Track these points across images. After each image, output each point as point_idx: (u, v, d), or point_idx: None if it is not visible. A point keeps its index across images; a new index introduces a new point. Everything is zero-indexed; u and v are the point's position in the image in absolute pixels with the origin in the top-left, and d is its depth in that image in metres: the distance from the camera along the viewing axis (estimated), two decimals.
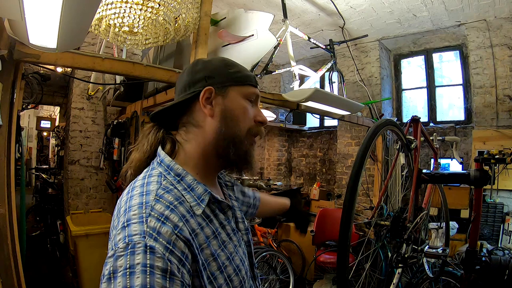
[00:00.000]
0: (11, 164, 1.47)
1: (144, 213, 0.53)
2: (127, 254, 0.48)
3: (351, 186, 1.15)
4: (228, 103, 0.68)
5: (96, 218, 3.13)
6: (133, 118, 2.85)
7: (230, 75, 0.69)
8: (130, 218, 0.53)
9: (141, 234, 0.50)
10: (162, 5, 1.47)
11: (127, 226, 0.52)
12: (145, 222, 0.52)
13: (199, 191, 0.63)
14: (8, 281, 1.38)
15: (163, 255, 0.49)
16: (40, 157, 8.27)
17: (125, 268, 0.46)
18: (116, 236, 0.52)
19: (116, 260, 0.48)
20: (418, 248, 1.47)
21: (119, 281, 0.46)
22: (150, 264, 0.47)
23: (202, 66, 0.70)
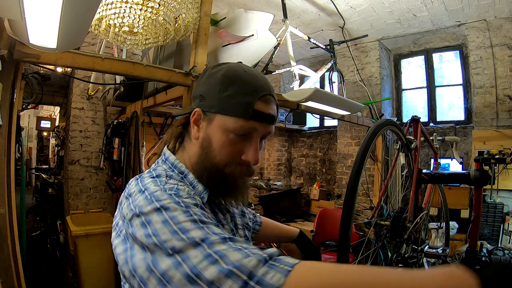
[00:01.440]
0: (11, 164, 1.47)
1: (159, 184, 0.56)
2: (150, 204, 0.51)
3: (351, 186, 1.15)
4: (209, 132, 0.62)
5: (96, 218, 3.13)
6: (133, 118, 2.85)
7: (220, 100, 0.61)
8: (148, 187, 0.55)
9: (161, 190, 0.54)
10: (162, 5, 1.47)
11: (145, 190, 0.55)
12: (162, 185, 0.56)
13: (199, 188, 0.64)
14: (8, 281, 1.38)
15: (189, 196, 0.55)
16: (40, 157, 8.27)
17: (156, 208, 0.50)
18: (134, 199, 0.54)
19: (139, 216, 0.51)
20: (418, 248, 1.47)
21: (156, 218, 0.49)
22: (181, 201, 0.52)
23: (204, 80, 0.65)
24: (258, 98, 0.60)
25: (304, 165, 5.10)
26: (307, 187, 4.88)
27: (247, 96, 0.60)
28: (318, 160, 4.91)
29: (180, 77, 1.83)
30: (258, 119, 0.61)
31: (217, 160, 0.62)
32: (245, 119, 0.60)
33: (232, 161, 0.62)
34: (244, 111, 0.59)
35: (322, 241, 3.44)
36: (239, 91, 0.60)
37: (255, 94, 0.60)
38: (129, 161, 2.86)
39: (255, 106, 0.60)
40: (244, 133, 0.61)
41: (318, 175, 4.87)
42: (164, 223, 0.47)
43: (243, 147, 0.62)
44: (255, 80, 0.62)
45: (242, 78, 0.62)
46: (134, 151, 2.86)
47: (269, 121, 0.63)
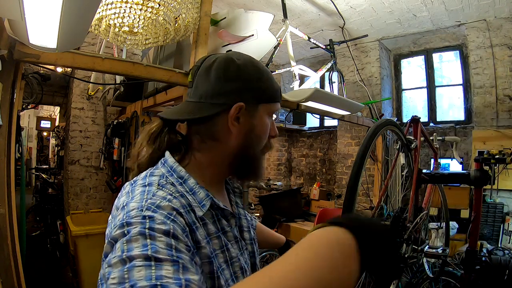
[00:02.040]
0: (11, 164, 1.47)
1: (145, 197, 0.51)
2: (129, 224, 0.46)
3: (351, 186, 1.15)
4: (255, 122, 0.63)
5: (96, 218, 3.13)
6: (133, 118, 2.85)
7: (263, 91, 0.64)
8: (129, 201, 0.51)
9: (138, 208, 0.48)
10: (162, 5, 1.47)
11: (126, 206, 0.50)
12: (145, 201, 0.50)
13: (200, 195, 0.60)
14: (8, 281, 1.38)
15: (164, 221, 0.47)
16: (40, 157, 8.28)
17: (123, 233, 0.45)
18: (116, 217, 0.51)
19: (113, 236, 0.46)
20: (418, 248, 1.47)
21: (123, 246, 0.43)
22: (150, 227, 0.45)
23: (236, 72, 0.61)
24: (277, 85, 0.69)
25: (304, 165, 5.10)
26: (307, 187, 4.88)
27: (274, 83, 0.67)
28: (318, 160, 4.91)
29: (180, 77, 1.83)
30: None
31: (259, 146, 0.66)
32: (278, 102, 0.68)
33: (267, 141, 0.67)
34: (276, 95, 0.67)
35: None
36: (269, 78, 0.66)
37: (275, 80, 0.68)
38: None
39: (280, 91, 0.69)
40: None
41: (318, 175, 4.87)
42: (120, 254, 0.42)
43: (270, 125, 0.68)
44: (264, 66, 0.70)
45: (261, 65, 0.67)
46: None
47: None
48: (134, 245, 0.43)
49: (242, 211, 0.76)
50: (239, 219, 0.71)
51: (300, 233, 3.61)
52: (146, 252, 0.42)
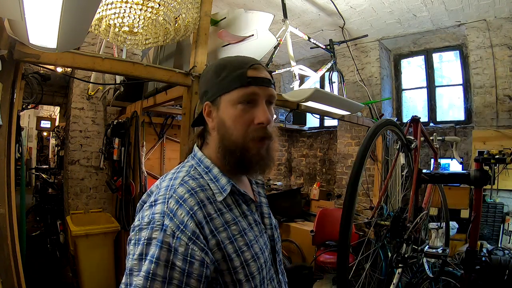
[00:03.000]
0: (11, 164, 1.47)
1: (167, 194, 0.64)
2: (148, 229, 0.59)
3: (351, 186, 1.15)
4: (220, 115, 0.71)
5: (96, 218, 3.13)
6: (133, 118, 2.85)
7: (218, 84, 0.71)
8: (157, 199, 0.64)
9: (161, 214, 0.61)
10: (162, 5, 1.47)
11: (154, 205, 0.63)
12: (166, 203, 0.62)
13: (222, 181, 0.69)
14: (8, 281, 1.38)
15: (172, 234, 0.58)
16: (40, 157, 8.27)
17: (145, 239, 0.58)
18: (144, 211, 0.63)
19: (140, 231, 0.60)
20: (418, 248, 1.47)
21: (139, 248, 0.58)
22: (161, 239, 0.58)
23: (203, 79, 0.77)
24: (248, 67, 0.70)
25: (304, 165, 5.10)
26: (307, 187, 4.88)
27: (238, 70, 0.70)
28: (318, 160, 4.91)
29: (180, 77, 1.83)
30: (255, 83, 0.69)
31: (235, 135, 0.69)
32: (244, 86, 0.68)
33: (249, 130, 0.69)
34: (241, 80, 0.69)
35: (322, 241, 3.44)
36: (231, 69, 0.70)
37: (245, 66, 0.70)
38: (129, 161, 2.86)
39: (248, 74, 0.69)
40: (248, 99, 0.69)
41: (318, 175, 4.87)
42: (133, 259, 0.58)
43: (253, 113, 0.69)
44: (242, 58, 0.74)
45: (231, 60, 0.73)
46: (134, 151, 2.86)
47: (267, 84, 0.71)
48: (150, 251, 0.57)
49: (264, 200, 0.85)
50: (260, 206, 0.80)
51: (300, 233, 3.61)
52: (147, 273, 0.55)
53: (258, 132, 0.69)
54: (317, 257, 3.27)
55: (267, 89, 0.71)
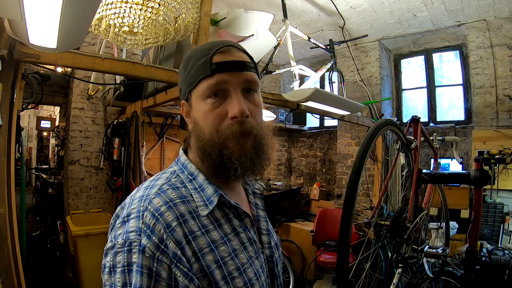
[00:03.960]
0: (11, 164, 1.47)
1: (142, 206, 0.53)
2: (124, 252, 0.49)
3: (351, 186, 1.15)
4: (193, 113, 0.62)
5: (96, 218, 3.13)
6: (133, 118, 2.85)
7: (186, 79, 0.62)
8: (130, 213, 0.53)
9: (136, 232, 0.50)
10: (162, 5, 1.47)
11: (127, 221, 0.53)
12: (141, 218, 0.52)
13: (208, 191, 0.59)
14: (8, 281, 1.38)
15: (152, 256, 0.49)
16: (40, 157, 8.27)
17: (123, 265, 0.49)
18: (117, 229, 0.53)
19: (115, 255, 0.50)
20: (418, 248, 1.47)
21: (118, 276, 0.48)
22: (141, 263, 0.48)
23: (179, 76, 0.68)
24: (212, 53, 0.59)
25: (304, 165, 5.10)
26: (307, 187, 4.88)
27: (202, 58, 0.59)
28: (318, 160, 4.91)
29: None
30: (222, 70, 0.57)
31: (207, 133, 0.58)
32: (208, 76, 0.58)
33: (222, 126, 0.58)
34: (204, 70, 0.58)
35: (322, 241, 3.44)
36: (195, 59, 0.60)
37: (209, 52, 0.59)
38: (129, 161, 2.86)
39: (213, 60, 0.58)
40: (216, 89, 0.58)
41: (318, 175, 4.87)
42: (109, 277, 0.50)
43: (225, 106, 0.58)
44: (210, 44, 0.62)
45: (197, 48, 0.63)
46: (134, 151, 2.86)
47: (237, 68, 0.59)
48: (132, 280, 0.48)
49: (262, 213, 0.72)
50: (257, 220, 0.69)
51: (300, 233, 3.61)
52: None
53: (234, 127, 0.57)
54: (317, 257, 3.27)
55: (241, 74, 0.59)
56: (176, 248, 0.51)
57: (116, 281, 0.48)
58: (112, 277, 0.49)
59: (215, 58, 0.58)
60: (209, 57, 0.58)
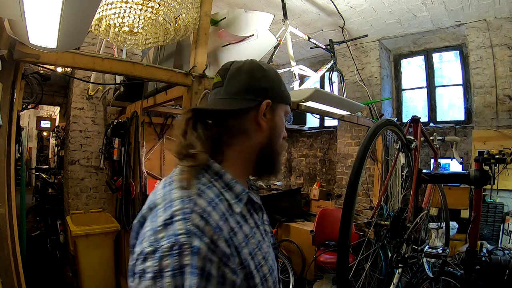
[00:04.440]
0: (11, 164, 1.47)
1: (186, 208, 0.52)
2: (173, 255, 0.48)
3: (351, 186, 1.15)
4: (276, 119, 0.70)
5: (96, 218, 3.13)
6: (133, 118, 2.85)
7: (282, 92, 0.71)
8: (174, 215, 0.52)
9: (186, 234, 0.49)
10: (162, 5, 1.47)
11: (171, 223, 0.51)
12: (189, 219, 0.51)
13: (237, 190, 0.63)
14: (8, 281, 1.38)
15: (205, 256, 0.49)
16: (40, 157, 8.27)
17: (173, 269, 0.47)
18: (157, 232, 0.51)
19: (161, 260, 0.47)
20: (418, 248, 1.47)
21: (168, 281, 0.46)
22: (195, 265, 0.47)
23: (262, 74, 0.69)
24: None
25: (304, 165, 5.10)
26: (307, 187, 4.88)
27: (286, 89, 0.74)
28: (318, 160, 4.91)
29: (180, 77, 1.83)
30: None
31: (280, 142, 0.72)
32: (289, 105, 0.74)
33: (281, 141, 0.73)
34: (289, 99, 0.74)
35: (322, 241, 3.44)
36: (285, 85, 0.74)
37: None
38: (129, 161, 2.85)
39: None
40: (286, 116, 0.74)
41: (318, 175, 4.87)
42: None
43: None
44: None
45: (280, 75, 0.76)
46: (134, 151, 2.86)
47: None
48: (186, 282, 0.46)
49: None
50: (264, 212, 0.76)
51: (300, 233, 3.61)
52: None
53: (284, 144, 0.74)
54: (317, 257, 3.27)
55: None
56: (225, 246, 0.53)
57: (165, 285, 0.46)
58: (158, 283, 0.46)
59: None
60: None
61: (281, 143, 0.72)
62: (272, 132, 0.69)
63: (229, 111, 0.66)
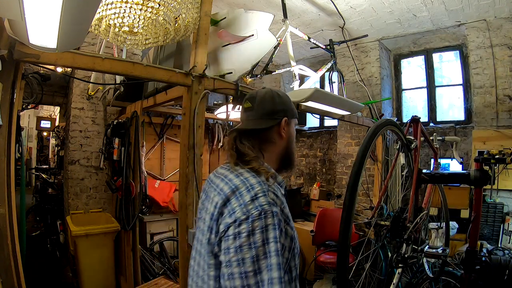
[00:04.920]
0: (11, 164, 1.47)
1: (264, 188, 0.79)
2: (261, 218, 0.73)
3: (351, 186, 1.15)
4: (290, 130, 0.99)
5: (96, 218, 3.13)
6: (133, 118, 2.85)
7: (293, 110, 1.00)
8: (257, 193, 0.77)
9: (268, 204, 0.75)
10: (162, 5, 1.47)
11: (256, 199, 0.76)
12: (268, 195, 0.77)
13: (279, 179, 0.90)
14: (8, 281, 1.38)
15: (280, 217, 0.75)
16: (40, 157, 8.27)
17: (261, 227, 0.72)
18: (247, 205, 0.75)
19: (253, 222, 0.72)
20: (418, 248, 1.47)
21: (258, 236, 0.71)
22: (275, 223, 0.73)
23: (280, 100, 0.97)
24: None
25: (304, 165, 5.10)
26: (307, 187, 4.88)
27: (294, 107, 1.03)
28: (318, 160, 4.91)
29: (180, 77, 1.83)
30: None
31: (293, 146, 1.01)
32: (296, 118, 1.03)
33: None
34: (297, 114, 1.04)
35: (322, 241, 3.44)
36: (293, 103, 1.03)
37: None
38: (129, 161, 2.85)
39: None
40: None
41: (318, 175, 4.87)
42: (255, 246, 0.71)
43: None
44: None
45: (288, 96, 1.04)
46: (134, 151, 2.86)
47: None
48: (269, 235, 0.72)
49: None
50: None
51: (300, 233, 3.60)
52: (279, 246, 0.71)
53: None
54: (317, 257, 3.27)
55: None
56: (286, 212, 0.80)
57: (256, 239, 0.70)
58: (251, 238, 0.71)
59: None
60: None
61: (294, 146, 1.01)
62: (289, 139, 0.98)
63: (262, 129, 0.94)
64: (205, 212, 0.87)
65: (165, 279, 2.66)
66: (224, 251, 0.73)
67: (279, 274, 0.68)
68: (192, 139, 1.81)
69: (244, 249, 0.69)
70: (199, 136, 1.84)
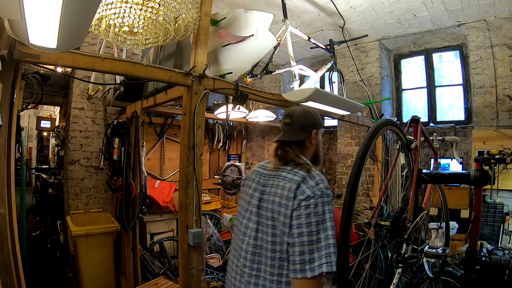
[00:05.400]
0: (11, 164, 1.47)
1: (322, 178, 1.10)
2: (323, 196, 1.05)
3: (351, 186, 1.16)
4: (318, 138, 1.30)
5: (96, 218, 3.13)
6: (133, 118, 2.85)
7: (320, 123, 1.30)
8: (319, 181, 1.08)
9: (325, 188, 1.07)
10: (162, 5, 1.47)
11: (318, 184, 1.07)
12: (324, 182, 1.09)
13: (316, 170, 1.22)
14: (8, 281, 1.38)
15: (331, 197, 1.07)
16: (40, 157, 8.27)
17: (322, 202, 1.04)
18: (313, 187, 1.06)
19: (316, 199, 1.04)
20: (418, 248, 1.47)
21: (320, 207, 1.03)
22: (330, 201, 1.06)
23: (310, 116, 1.28)
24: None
25: None
26: None
27: (320, 118, 1.34)
28: None
29: (180, 77, 1.83)
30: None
31: (321, 149, 1.33)
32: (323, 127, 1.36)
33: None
34: (322, 124, 1.36)
35: None
36: (320, 116, 1.34)
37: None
38: (129, 161, 2.86)
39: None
40: None
41: None
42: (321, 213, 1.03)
43: None
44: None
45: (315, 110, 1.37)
46: (134, 151, 2.86)
47: None
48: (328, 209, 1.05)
49: None
50: None
51: None
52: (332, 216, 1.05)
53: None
54: None
55: None
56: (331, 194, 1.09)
57: (319, 210, 1.02)
58: (316, 208, 1.02)
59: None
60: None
61: (321, 148, 1.33)
62: (318, 145, 1.30)
63: (300, 140, 1.25)
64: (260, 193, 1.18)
65: (165, 279, 2.66)
66: (296, 217, 1.02)
67: (332, 232, 1.02)
68: (192, 139, 1.81)
69: (311, 215, 1.01)
70: (199, 136, 1.84)
